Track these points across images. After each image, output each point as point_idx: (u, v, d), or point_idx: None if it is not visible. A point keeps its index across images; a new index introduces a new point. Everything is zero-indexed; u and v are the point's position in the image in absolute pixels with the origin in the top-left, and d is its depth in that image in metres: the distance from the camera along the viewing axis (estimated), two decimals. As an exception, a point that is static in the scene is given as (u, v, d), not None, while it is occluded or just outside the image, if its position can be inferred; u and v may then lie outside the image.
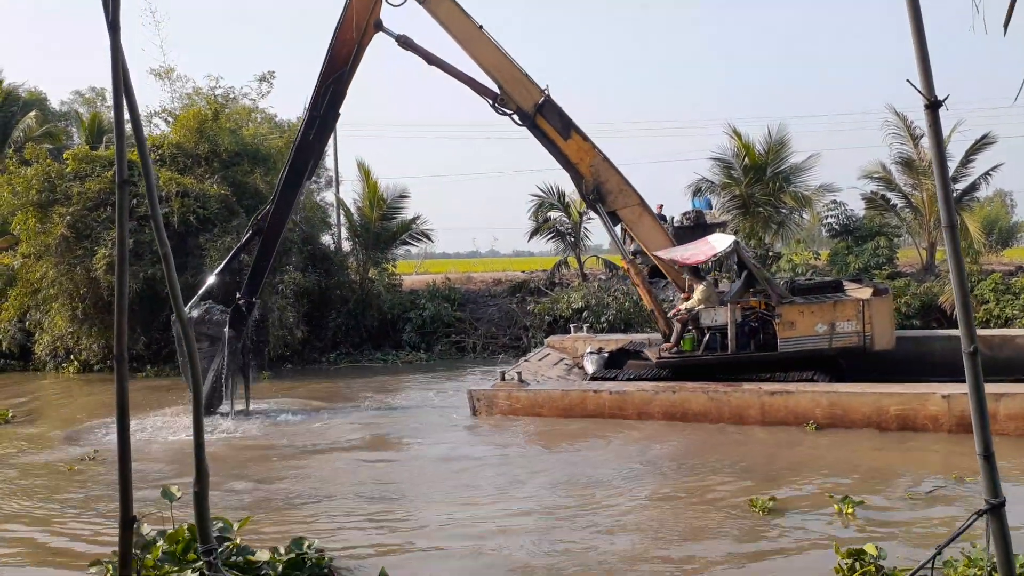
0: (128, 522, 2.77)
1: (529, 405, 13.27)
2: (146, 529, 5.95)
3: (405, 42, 13.69)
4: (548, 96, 13.86)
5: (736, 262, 14.44)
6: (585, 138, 14.15)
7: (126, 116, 3.77)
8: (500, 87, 13.85)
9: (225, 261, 14.71)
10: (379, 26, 13.57)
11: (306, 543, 6.29)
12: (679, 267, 14.30)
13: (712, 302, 13.76)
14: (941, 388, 11.42)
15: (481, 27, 13.62)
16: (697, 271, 14.04)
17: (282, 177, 14.05)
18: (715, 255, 13.63)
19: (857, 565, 5.99)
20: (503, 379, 13.83)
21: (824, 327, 13.29)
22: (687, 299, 14.14)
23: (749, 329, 13.65)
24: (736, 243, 13.73)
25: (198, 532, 4.91)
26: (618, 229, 14.92)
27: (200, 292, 13.99)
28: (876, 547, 6.07)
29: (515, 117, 14.04)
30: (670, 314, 14.37)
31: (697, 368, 13.60)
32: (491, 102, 13.96)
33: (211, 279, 14.25)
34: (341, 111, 13.87)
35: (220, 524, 6.10)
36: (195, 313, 13.55)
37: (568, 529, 7.80)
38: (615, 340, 16.68)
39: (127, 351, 2.76)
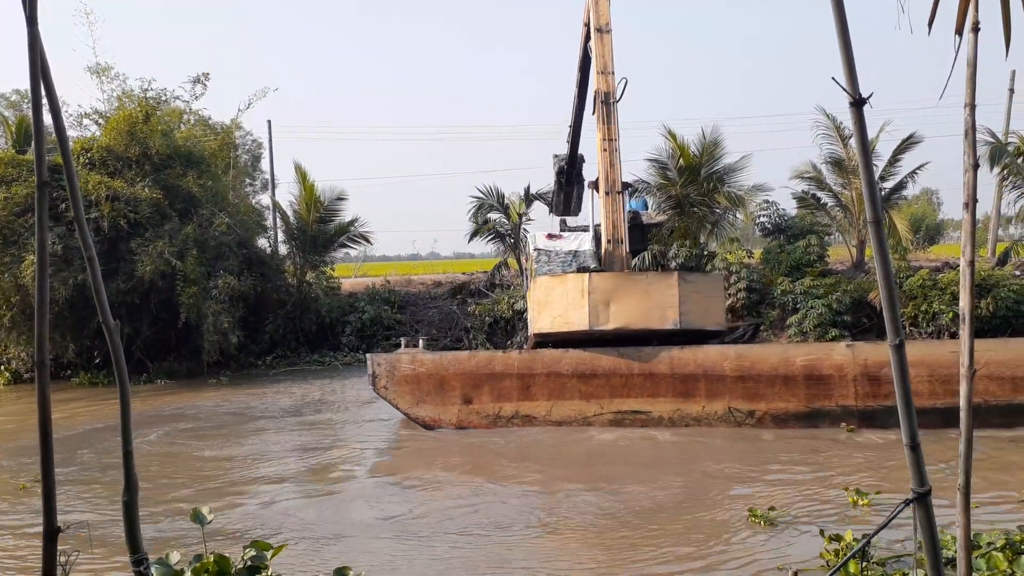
0: (51, 534, 2.67)
1: (434, 368, 12.86)
2: (175, 558, 5.13)
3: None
4: (601, 89, 14.78)
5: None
6: (607, 126, 14.75)
7: (47, 116, 3.64)
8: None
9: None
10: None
11: (351, 573, 5.33)
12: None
13: None
14: (845, 342, 12.51)
15: (607, 31, 15.27)
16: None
17: (568, 134, 19.49)
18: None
19: (842, 549, 6.14)
20: (404, 347, 13.87)
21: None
22: None
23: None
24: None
25: (128, 543, 4.75)
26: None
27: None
28: (854, 536, 6.25)
29: None
30: None
31: None
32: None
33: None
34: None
35: (252, 552, 5.24)
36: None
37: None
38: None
39: (49, 358, 2.66)
